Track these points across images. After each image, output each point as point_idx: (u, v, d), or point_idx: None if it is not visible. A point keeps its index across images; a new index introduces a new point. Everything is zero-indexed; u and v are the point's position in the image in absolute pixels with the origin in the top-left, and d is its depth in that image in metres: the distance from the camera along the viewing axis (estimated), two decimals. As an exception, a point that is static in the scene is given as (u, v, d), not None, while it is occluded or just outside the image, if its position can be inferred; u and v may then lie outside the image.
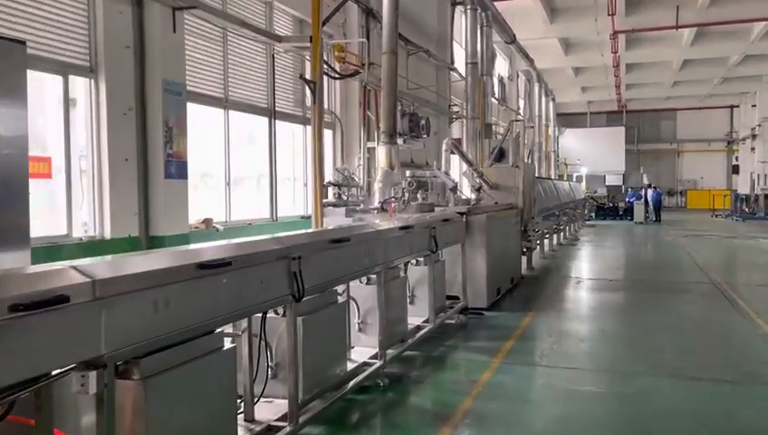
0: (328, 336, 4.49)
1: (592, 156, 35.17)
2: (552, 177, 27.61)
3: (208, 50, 8.14)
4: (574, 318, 7.96)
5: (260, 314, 3.76)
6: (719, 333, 7.20)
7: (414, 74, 15.20)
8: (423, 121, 11.87)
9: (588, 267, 13.14)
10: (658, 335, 6.95)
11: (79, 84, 6.25)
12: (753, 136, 34.12)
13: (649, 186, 28.31)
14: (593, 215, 29.17)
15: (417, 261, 6.80)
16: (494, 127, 17.01)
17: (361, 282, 5.42)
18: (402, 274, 6.28)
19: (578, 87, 33.28)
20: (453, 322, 7.46)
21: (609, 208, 29.72)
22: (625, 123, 38.87)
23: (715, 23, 20.54)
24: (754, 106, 34.64)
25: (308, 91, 8.47)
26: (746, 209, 31.21)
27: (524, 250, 11.62)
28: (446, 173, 9.26)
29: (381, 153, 9.61)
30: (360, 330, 5.47)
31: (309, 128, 10.51)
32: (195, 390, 2.97)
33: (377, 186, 9.55)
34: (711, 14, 20.12)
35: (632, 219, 27.07)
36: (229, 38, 8.52)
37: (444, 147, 9.64)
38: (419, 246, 6.16)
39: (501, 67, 27.12)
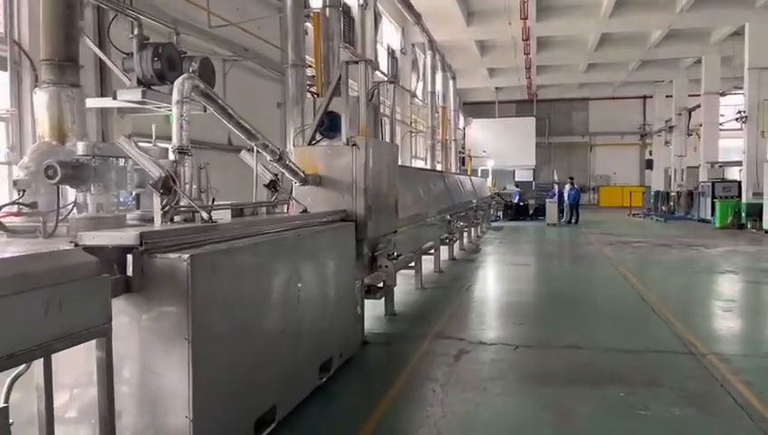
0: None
1: (500, 148, 31.19)
2: (453, 171, 23.22)
3: None
4: None
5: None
6: None
7: (231, 12, 10.11)
8: (195, 64, 6.73)
9: (484, 311, 8.39)
10: None
11: None
12: (670, 128, 31.53)
13: (570, 181, 24.24)
14: (500, 215, 25.18)
15: None
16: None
17: None
18: None
19: (484, 69, 29.25)
20: None
21: (519, 208, 25.78)
22: (536, 114, 35.32)
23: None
24: (669, 96, 32.16)
25: None
26: (664, 208, 28.31)
27: (374, 290, 6.73)
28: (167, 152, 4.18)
29: (39, 105, 4.47)
30: None
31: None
32: None
33: (18, 173, 4.40)
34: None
35: (544, 219, 23.25)
36: None
37: (175, 95, 4.57)
38: None
39: (392, 38, 22.51)
